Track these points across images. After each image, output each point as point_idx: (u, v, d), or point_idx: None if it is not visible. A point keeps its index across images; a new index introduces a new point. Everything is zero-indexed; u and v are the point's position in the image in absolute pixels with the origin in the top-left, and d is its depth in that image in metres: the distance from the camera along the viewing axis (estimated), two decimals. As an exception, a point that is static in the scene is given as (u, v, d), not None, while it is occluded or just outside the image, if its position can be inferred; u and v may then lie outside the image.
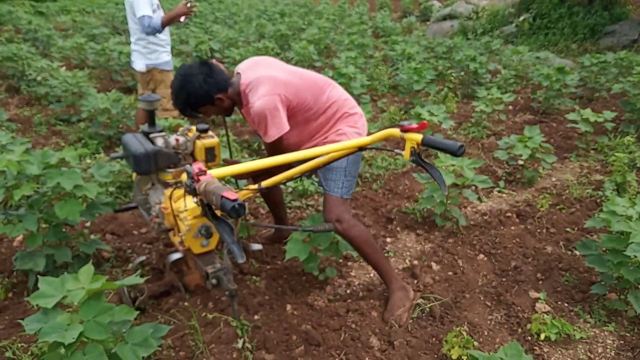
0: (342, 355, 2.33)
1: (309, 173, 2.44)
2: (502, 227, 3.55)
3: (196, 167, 1.67)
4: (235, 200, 1.45)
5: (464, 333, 2.34)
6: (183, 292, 2.71)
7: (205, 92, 2.39)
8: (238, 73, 2.54)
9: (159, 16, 4.12)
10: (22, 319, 2.50)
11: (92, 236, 3.25)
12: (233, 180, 2.99)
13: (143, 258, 2.85)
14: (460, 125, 5.68)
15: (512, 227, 3.56)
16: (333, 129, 2.56)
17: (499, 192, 4.14)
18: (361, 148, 2.02)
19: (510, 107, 6.50)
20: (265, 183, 2.30)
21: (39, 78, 6.02)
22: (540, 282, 2.96)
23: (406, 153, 1.88)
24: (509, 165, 4.54)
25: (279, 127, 2.36)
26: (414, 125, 1.82)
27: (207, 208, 1.64)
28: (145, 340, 1.90)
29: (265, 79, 2.36)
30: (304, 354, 2.32)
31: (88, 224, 3.42)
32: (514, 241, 3.36)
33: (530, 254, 3.22)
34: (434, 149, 1.83)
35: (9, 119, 5.31)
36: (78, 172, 2.66)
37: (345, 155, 2.15)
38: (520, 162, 4.37)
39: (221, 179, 2.04)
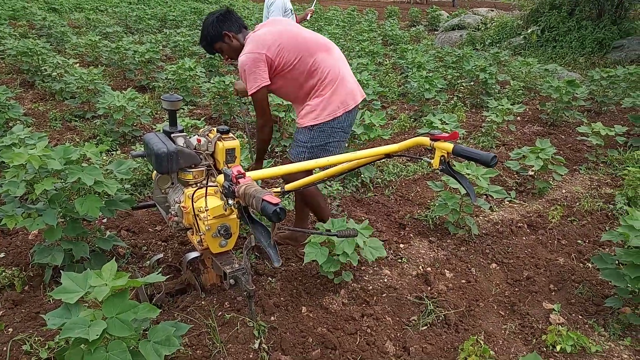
0: (358, 359, 2.35)
1: (333, 177, 2.47)
2: (514, 237, 3.57)
3: (235, 170, 1.68)
4: (277, 204, 1.46)
5: (481, 342, 2.35)
6: (199, 291, 2.73)
7: (216, 26, 2.80)
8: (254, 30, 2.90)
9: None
10: (39, 313, 2.54)
11: (109, 232, 3.26)
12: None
13: (160, 256, 2.85)
14: (470, 134, 5.70)
15: (524, 237, 3.57)
16: (309, 99, 2.84)
17: (510, 202, 4.16)
18: (388, 155, 2.04)
19: (519, 118, 6.53)
20: (288, 186, 2.32)
21: (54, 74, 6.06)
22: (554, 293, 2.97)
23: (435, 162, 1.90)
24: (520, 176, 4.56)
25: (257, 80, 2.71)
26: (445, 134, 1.84)
27: (243, 210, 1.66)
28: (168, 338, 1.91)
29: (254, 39, 2.75)
30: (320, 357, 2.33)
31: (105, 220, 3.43)
32: (526, 251, 3.38)
33: (543, 264, 3.23)
34: (465, 159, 1.84)
35: (25, 114, 5.32)
36: (98, 168, 2.68)
37: (373, 161, 2.16)
38: (531, 173, 4.39)
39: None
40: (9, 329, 2.44)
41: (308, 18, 5.90)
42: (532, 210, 4.01)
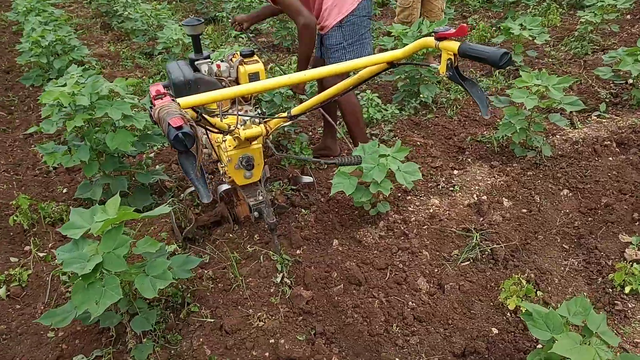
0: (383, 296, 2.15)
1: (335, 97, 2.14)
2: (596, 158, 3.03)
3: (154, 89, 1.46)
4: (179, 127, 1.24)
5: (523, 281, 2.03)
6: (232, 223, 2.67)
7: None
8: None
9: None
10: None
11: (158, 166, 3.30)
12: None
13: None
14: (561, 41, 4.90)
15: (610, 158, 3.02)
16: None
17: (599, 116, 3.53)
18: (391, 63, 1.70)
19: (628, 17, 5.47)
20: (294, 111, 2.10)
21: (125, 13, 6.15)
22: (637, 224, 2.49)
23: (442, 67, 1.54)
24: (616, 85, 3.84)
25: None
26: (451, 30, 1.46)
27: None
28: (164, 272, 1.87)
29: None
30: (341, 293, 2.17)
31: (152, 155, 3.47)
32: (609, 174, 2.85)
33: (629, 189, 2.71)
34: (472, 60, 1.46)
35: (96, 54, 5.52)
36: (127, 103, 2.64)
37: (377, 74, 1.84)
38: (630, 81, 3.67)
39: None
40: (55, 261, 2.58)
41: None
42: (626, 125, 3.37)
